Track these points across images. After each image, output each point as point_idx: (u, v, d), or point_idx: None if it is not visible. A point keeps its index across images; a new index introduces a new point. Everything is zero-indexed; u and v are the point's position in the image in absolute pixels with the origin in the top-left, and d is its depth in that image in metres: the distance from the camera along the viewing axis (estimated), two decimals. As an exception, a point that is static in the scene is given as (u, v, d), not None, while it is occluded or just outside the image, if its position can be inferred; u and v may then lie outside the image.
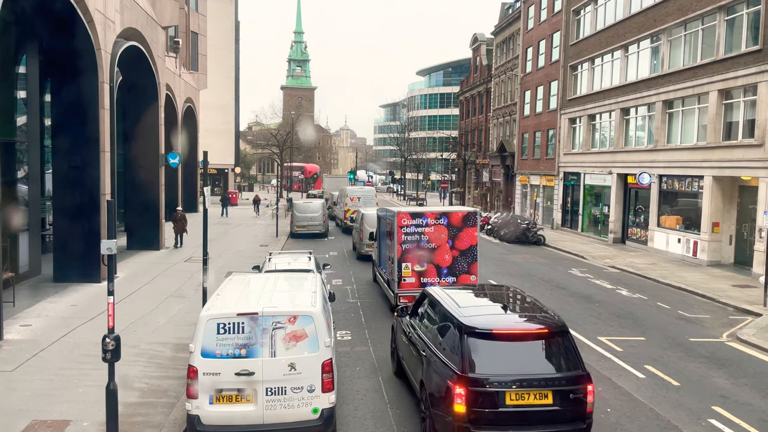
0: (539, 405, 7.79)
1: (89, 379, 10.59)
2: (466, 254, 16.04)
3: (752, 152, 22.15)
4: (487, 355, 8.03)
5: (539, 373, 7.96)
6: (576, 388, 7.93)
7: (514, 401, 7.75)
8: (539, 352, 8.27)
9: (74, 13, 17.15)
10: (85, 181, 18.49)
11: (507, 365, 7.97)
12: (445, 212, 16.37)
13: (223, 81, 63.39)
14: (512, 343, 8.20)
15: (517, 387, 7.76)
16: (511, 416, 7.76)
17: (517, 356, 8.12)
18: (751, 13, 22.67)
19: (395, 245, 16.00)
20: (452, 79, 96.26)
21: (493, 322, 8.44)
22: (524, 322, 8.80)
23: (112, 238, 8.16)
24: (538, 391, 7.79)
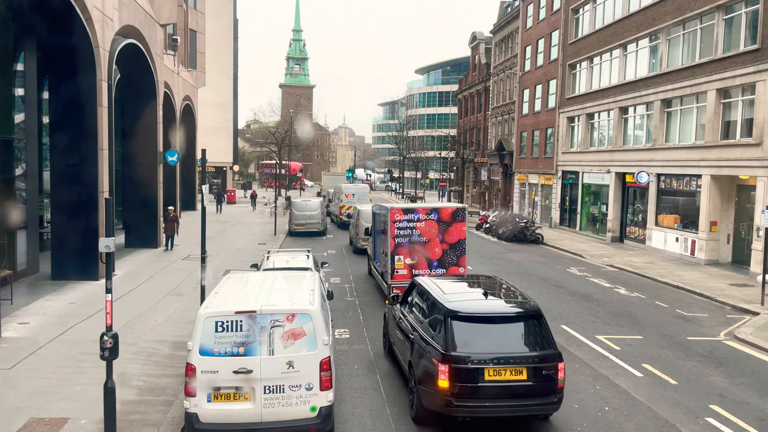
0: (515, 380, 8.62)
1: (87, 377, 10.59)
2: (455, 247, 16.95)
3: (750, 151, 22.18)
4: (468, 336, 8.89)
5: (515, 351, 8.78)
6: (548, 366, 8.75)
7: (492, 377, 8.59)
8: (515, 333, 9.13)
9: (72, 11, 17.11)
10: (83, 178, 18.46)
11: (486, 345, 8.82)
12: (435, 208, 17.28)
13: (221, 79, 63.33)
14: (491, 325, 9.12)
15: (494, 364, 8.60)
16: (489, 390, 8.60)
17: (495, 337, 8.98)
18: (749, 12, 22.68)
19: (389, 239, 16.88)
20: (451, 77, 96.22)
21: (474, 306, 9.42)
22: (502, 306, 9.82)
23: (110, 236, 8.16)
24: (514, 368, 8.63)
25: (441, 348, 8.82)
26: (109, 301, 8.11)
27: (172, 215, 25.76)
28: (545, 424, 9.52)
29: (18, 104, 19.06)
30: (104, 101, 18.87)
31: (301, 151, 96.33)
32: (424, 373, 9.16)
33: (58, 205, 19.03)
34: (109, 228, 8.29)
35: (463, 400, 8.60)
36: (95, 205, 18.46)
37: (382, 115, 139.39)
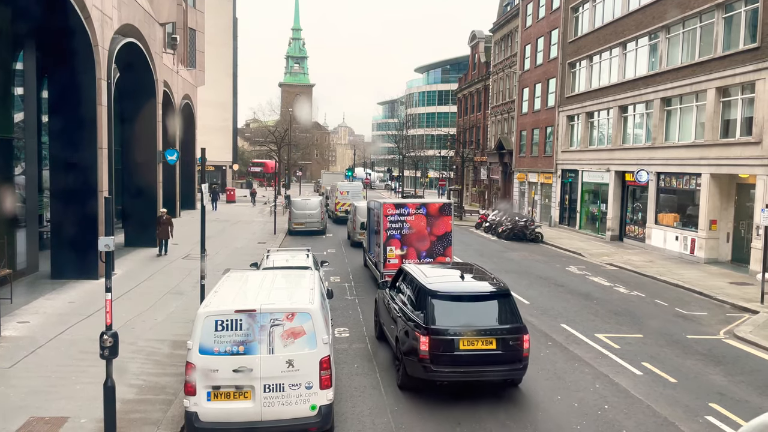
0: (485, 349, 9.90)
1: (87, 376, 10.59)
2: (442, 239, 18.58)
3: (750, 150, 22.18)
4: (445, 312, 10.18)
5: (486, 325, 10.07)
6: (514, 337, 10.05)
7: (465, 346, 9.88)
8: (486, 309, 10.42)
9: (71, 10, 17.10)
10: (82, 177, 18.44)
11: (461, 319, 10.10)
12: (424, 203, 18.99)
13: (221, 78, 63.34)
14: (465, 302, 10.52)
15: (468, 335, 9.89)
16: (463, 358, 9.88)
17: (469, 312, 10.31)
18: (749, 10, 22.68)
19: (381, 231, 18.39)
20: (450, 76, 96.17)
21: (451, 287, 10.82)
22: (476, 286, 11.11)
23: (110, 235, 8.16)
24: (485, 339, 9.92)
25: (422, 322, 10.11)
26: (108, 300, 8.11)
27: (165, 218, 24.26)
28: (547, 423, 9.53)
29: (17, 103, 19.05)
30: (103, 100, 18.86)
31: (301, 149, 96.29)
32: (408, 345, 10.40)
33: (58, 204, 19.03)
34: (108, 227, 8.31)
35: (441, 367, 9.85)
36: (95, 204, 18.46)
37: (382, 114, 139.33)
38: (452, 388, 10.34)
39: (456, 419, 9.55)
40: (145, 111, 26.06)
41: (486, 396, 10.39)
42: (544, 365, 12.12)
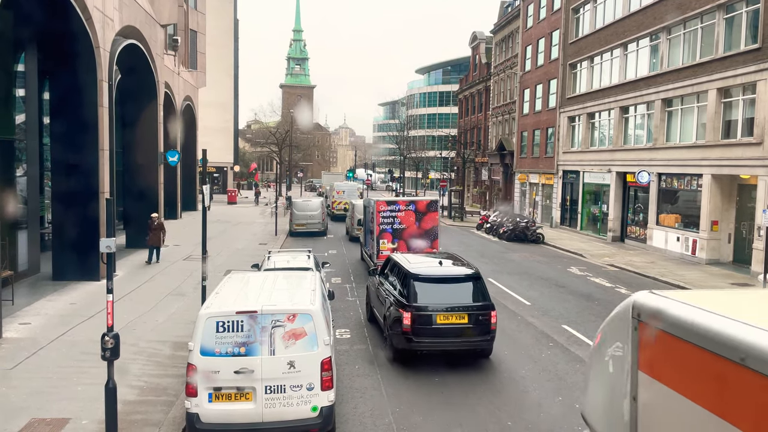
0: (458, 323, 11.56)
1: (88, 377, 10.59)
2: (429, 233, 20.49)
3: (751, 150, 22.17)
4: (425, 292, 11.80)
5: (459, 303, 11.72)
6: (483, 313, 11.69)
7: (442, 321, 11.52)
8: (460, 289, 12.04)
9: (72, 11, 17.12)
10: (83, 179, 18.46)
11: (438, 298, 11.74)
12: (412, 200, 21.15)
13: (222, 79, 63.38)
14: (442, 284, 12.13)
15: (443, 311, 11.52)
16: (440, 330, 11.53)
17: (445, 292, 11.92)
18: (750, 11, 22.67)
19: (375, 226, 20.48)
20: (451, 77, 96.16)
21: (431, 271, 12.37)
22: (451, 271, 12.64)
23: (111, 237, 8.16)
24: (458, 314, 11.57)
25: (405, 301, 11.75)
26: (110, 302, 8.11)
27: (156, 223, 22.30)
28: (549, 424, 9.52)
29: (19, 105, 19.08)
30: (105, 102, 18.88)
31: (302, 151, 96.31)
32: (394, 321, 11.98)
33: (59, 206, 19.05)
34: (109, 228, 8.30)
35: (421, 338, 11.47)
36: (96, 205, 18.47)
37: (383, 115, 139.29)
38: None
39: (457, 420, 9.54)
40: (146, 112, 26.09)
41: (487, 396, 10.40)
42: (545, 366, 12.11)
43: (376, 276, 14.68)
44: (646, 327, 3.63)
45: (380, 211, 20.38)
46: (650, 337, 3.59)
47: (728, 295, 4.87)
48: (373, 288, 14.69)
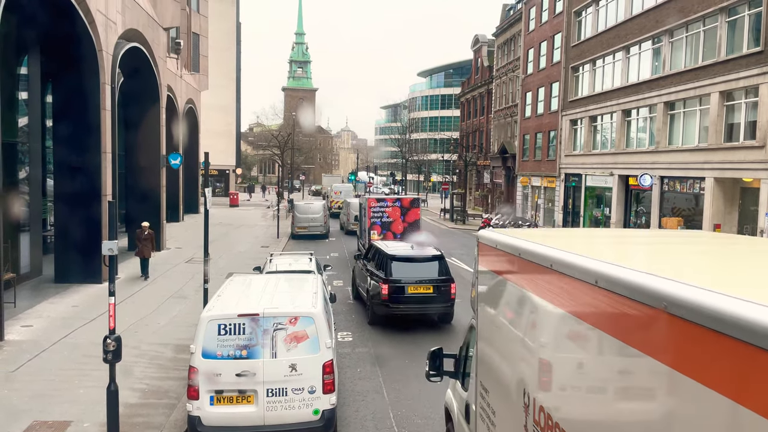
0: (425, 293, 14.73)
1: (90, 380, 10.59)
2: (412, 225, 24.42)
3: (754, 154, 22.13)
4: (399, 269, 14.92)
5: (426, 277, 14.88)
6: (445, 285, 14.76)
7: (412, 291, 14.68)
8: (427, 267, 15.25)
9: (76, 14, 17.17)
10: (86, 181, 18.50)
11: (410, 273, 14.88)
12: (398, 198, 25.84)
13: (224, 82, 63.45)
14: (413, 263, 15.30)
15: (413, 284, 14.64)
16: (411, 298, 14.68)
17: (415, 269, 15.10)
18: (752, 14, 22.65)
19: (367, 219, 24.49)
20: (453, 80, 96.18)
21: (404, 253, 15.66)
22: (420, 253, 15.89)
23: (113, 239, 8.16)
24: (425, 286, 14.75)
25: (384, 276, 14.76)
26: (112, 304, 8.12)
27: (146, 233, 19.99)
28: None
29: (21, 107, 19.12)
30: (107, 104, 18.92)
31: (304, 153, 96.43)
32: (375, 293, 15.02)
33: (62, 208, 19.08)
34: (112, 231, 8.30)
35: (396, 304, 14.60)
36: (98, 208, 18.50)
37: (385, 118, 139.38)
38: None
39: (459, 424, 9.52)
40: (148, 115, 26.11)
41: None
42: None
43: (360, 260, 17.78)
44: (480, 243, 6.24)
45: (371, 207, 24.54)
46: (482, 245, 6.18)
47: (529, 231, 8.42)
48: (358, 270, 17.82)
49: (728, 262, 4.48)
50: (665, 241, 6.29)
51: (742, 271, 3.92)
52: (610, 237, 7.25)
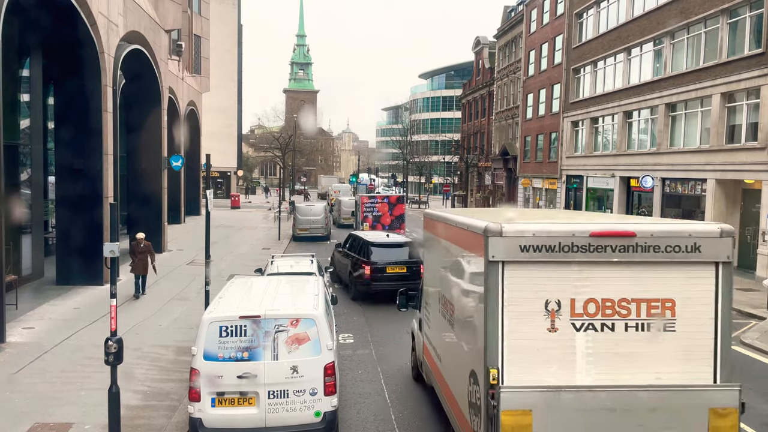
0: (400, 272, 17.88)
1: (91, 382, 10.60)
2: (399, 218, 30.35)
3: (755, 155, 22.11)
4: (378, 253, 18.18)
5: (400, 259, 18.25)
6: (416, 266, 17.49)
7: (390, 271, 17.84)
8: (400, 251, 18.67)
9: (78, 17, 17.20)
10: (87, 183, 18.52)
11: (387, 257, 18.14)
12: (387, 195, 32.01)
13: (225, 84, 63.55)
14: (389, 248, 18.61)
15: (390, 265, 17.91)
16: (389, 276, 17.74)
17: (391, 253, 18.40)
18: (753, 16, 22.65)
19: (360, 213, 30.21)
20: (455, 82, 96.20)
21: (381, 240, 19.14)
22: (395, 239, 19.64)
23: (115, 241, 8.17)
24: (400, 266, 18.01)
25: (365, 259, 18.05)
26: (113, 306, 8.12)
27: (142, 245, 17.57)
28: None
29: (23, 110, 19.15)
30: (109, 106, 18.94)
31: (305, 155, 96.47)
32: (358, 273, 18.17)
33: (63, 210, 19.10)
34: (113, 233, 8.31)
35: (376, 282, 17.73)
36: (100, 210, 18.52)
37: (386, 120, 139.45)
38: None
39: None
40: (150, 117, 26.14)
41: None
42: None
43: (341, 248, 21.03)
44: (429, 217, 9.80)
45: (364, 203, 30.52)
46: (426, 220, 10.01)
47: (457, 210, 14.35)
48: (339, 257, 20.97)
49: (505, 213, 9.24)
50: (514, 209, 14.34)
51: (512, 216, 7.74)
52: (491, 210, 12.40)
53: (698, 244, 5.97)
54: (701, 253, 5.98)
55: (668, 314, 6.00)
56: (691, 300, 6.02)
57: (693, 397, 5.83)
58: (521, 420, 5.67)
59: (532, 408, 5.68)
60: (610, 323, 5.93)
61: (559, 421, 5.71)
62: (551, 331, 5.89)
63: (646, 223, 6.49)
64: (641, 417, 5.76)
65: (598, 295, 5.93)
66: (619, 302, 5.93)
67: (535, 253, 5.86)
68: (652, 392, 5.79)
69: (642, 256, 5.95)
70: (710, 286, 6.02)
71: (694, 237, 5.98)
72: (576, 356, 5.91)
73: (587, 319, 5.92)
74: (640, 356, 5.98)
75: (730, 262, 6.05)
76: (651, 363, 5.99)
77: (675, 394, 5.84)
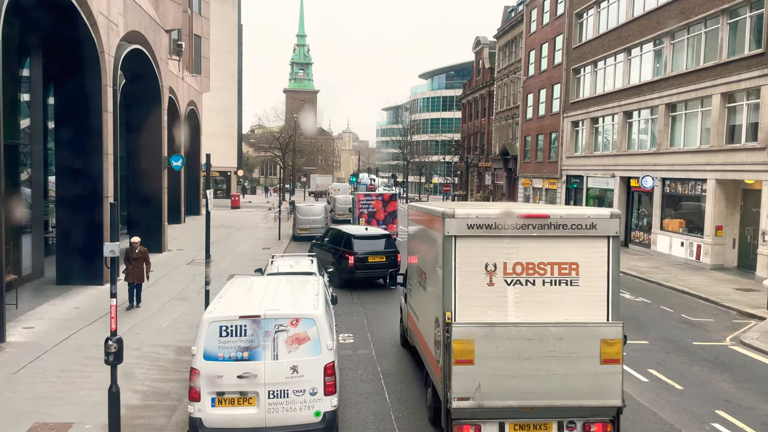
0: (380, 261, 19.81)
1: (92, 382, 10.60)
2: (391, 214, 32.61)
3: (755, 155, 22.11)
4: (359, 245, 19.93)
5: (380, 250, 20.04)
6: (394, 255, 19.98)
7: (371, 260, 19.73)
8: (379, 243, 20.37)
9: (78, 16, 17.20)
10: (88, 183, 18.52)
11: (367, 248, 19.93)
12: (380, 193, 34.74)
13: (226, 84, 63.54)
14: (369, 240, 20.33)
15: (370, 255, 19.76)
16: (370, 265, 19.72)
17: (371, 244, 20.16)
18: (754, 16, 22.65)
19: (357, 210, 32.85)
20: (455, 82, 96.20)
21: (361, 233, 20.85)
22: (374, 232, 21.48)
23: (115, 241, 8.17)
24: (379, 257, 19.85)
25: (349, 250, 19.90)
26: (113, 306, 8.12)
27: (138, 251, 16.07)
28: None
29: (23, 109, 19.15)
30: (109, 106, 18.94)
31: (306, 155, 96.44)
32: (343, 263, 19.94)
33: (63, 210, 19.10)
34: (113, 233, 8.31)
35: (359, 270, 19.66)
36: (100, 210, 18.52)
37: (386, 120, 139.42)
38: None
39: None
40: (150, 117, 26.13)
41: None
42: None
43: (322, 241, 23.06)
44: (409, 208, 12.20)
45: (360, 201, 32.97)
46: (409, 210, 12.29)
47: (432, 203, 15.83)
48: (317, 250, 22.44)
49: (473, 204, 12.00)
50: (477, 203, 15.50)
51: (465, 206, 9.75)
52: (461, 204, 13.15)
53: (594, 223, 8.01)
54: (597, 229, 8.02)
55: (573, 273, 8.03)
56: (590, 263, 8.05)
57: (589, 331, 7.84)
58: (467, 346, 7.75)
59: (474, 338, 7.76)
60: (532, 280, 8.01)
61: (493, 346, 7.76)
62: (489, 285, 8.01)
63: (558, 209, 8.78)
64: (552, 344, 7.76)
65: (523, 259, 8.00)
66: (538, 265, 8.00)
67: (478, 229, 7.97)
68: (560, 327, 7.80)
69: (554, 231, 7.99)
70: (603, 253, 8.05)
71: (591, 218, 8.01)
72: (507, 303, 8.01)
73: (515, 277, 8.02)
74: (553, 303, 7.99)
75: (617, 236, 8.08)
76: (561, 308, 7.98)
77: (577, 329, 7.83)
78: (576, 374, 7.79)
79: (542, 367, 7.76)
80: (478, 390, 7.78)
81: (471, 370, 7.75)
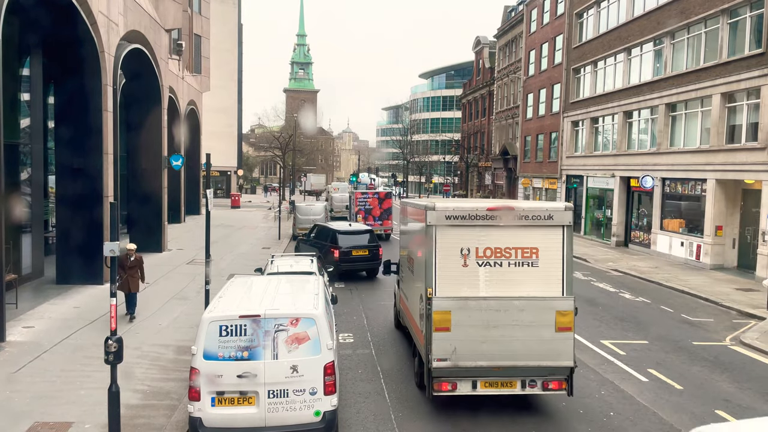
0: (363, 255, 21.29)
1: (91, 381, 10.60)
2: (386, 211, 34.07)
3: (755, 155, 22.11)
4: (343, 239, 21.35)
5: (362, 244, 21.36)
6: (376, 249, 21.46)
7: (355, 254, 21.18)
8: (362, 237, 21.71)
9: (78, 16, 17.19)
10: (87, 183, 18.51)
11: (351, 242, 21.33)
12: (376, 191, 36.23)
13: (226, 83, 63.54)
14: (352, 235, 21.68)
15: (354, 249, 21.20)
16: (353, 258, 21.19)
17: (354, 239, 21.52)
18: (754, 16, 22.64)
19: (354, 207, 34.43)
20: (455, 81, 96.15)
21: (345, 228, 22.30)
22: (357, 228, 22.93)
23: (115, 240, 8.17)
24: (362, 250, 21.32)
25: (333, 244, 21.28)
26: (113, 305, 8.12)
27: (132, 258, 14.90)
28: (551, 429, 9.49)
29: (23, 109, 19.14)
30: (109, 106, 18.93)
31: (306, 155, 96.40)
32: (328, 255, 20.72)
33: (63, 210, 19.09)
34: (113, 232, 8.30)
35: (344, 263, 20.91)
36: (100, 209, 18.52)
37: (386, 120, 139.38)
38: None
39: (461, 425, 9.52)
40: (150, 117, 26.12)
41: (489, 402, 10.35)
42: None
43: (308, 237, 24.22)
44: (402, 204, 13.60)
45: (357, 198, 34.40)
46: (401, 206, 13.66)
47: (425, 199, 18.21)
48: (303, 246, 23.47)
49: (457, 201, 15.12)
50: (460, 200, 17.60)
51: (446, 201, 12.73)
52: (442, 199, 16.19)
53: (551, 215, 9.48)
54: (553, 219, 9.48)
55: (534, 256, 9.50)
56: (548, 248, 9.52)
57: (546, 304, 9.37)
58: (444, 316, 9.34)
59: (451, 309, 9.37)
60: (499, 262, 9.51)
61: (466, 316, 9.34)
62: (464, 266, 9.51)
63: (521, 203, 10.56)
64: (515, 314, 9.33)
65: (492, 245, 9.50)
66: (504, 249, 9.50)
67: (455, 220, 9.49)
68: (522, 300, 9.36)
69: (518, 221, 9.48)
70: (559, 239, 9.50)
71: (549, 210, 9.48)
72: (479, 280, 9.50)
73: (485, 259, 9.52)
74: (517, 281, 9.48)
75: (571, 225, 9.59)
76: (523, 284, 9.46)
77: (536, 302, 9.39)
78: (535, 340, 9.33)
79: (507, 333, 9.33)
80: (454, 352, 9.32)
81: (448, 336, 9.32)
